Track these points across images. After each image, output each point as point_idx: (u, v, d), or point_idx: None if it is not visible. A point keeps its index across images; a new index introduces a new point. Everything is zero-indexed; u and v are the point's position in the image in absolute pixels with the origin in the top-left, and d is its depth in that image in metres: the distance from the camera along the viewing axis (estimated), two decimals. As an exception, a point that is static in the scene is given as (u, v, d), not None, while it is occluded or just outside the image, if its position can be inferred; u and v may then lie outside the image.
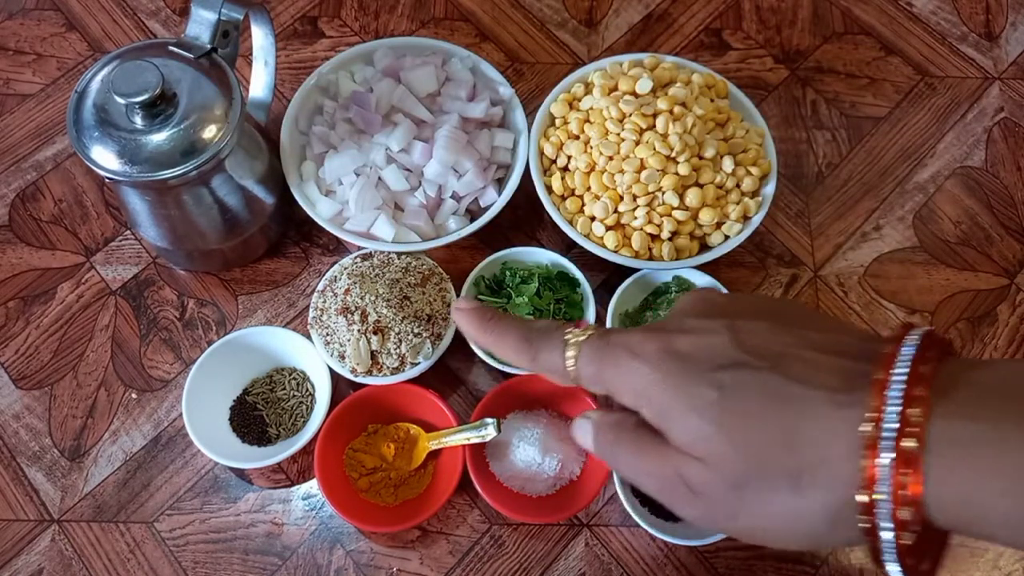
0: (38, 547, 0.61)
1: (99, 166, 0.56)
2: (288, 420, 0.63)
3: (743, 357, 0.33)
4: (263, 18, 0.64)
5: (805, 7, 0.83)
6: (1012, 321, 0.69)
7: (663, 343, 0.35)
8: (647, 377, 0.35)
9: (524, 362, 0.40)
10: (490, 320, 0.42)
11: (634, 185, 0.62)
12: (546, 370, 0.40)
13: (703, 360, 0.34)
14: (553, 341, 0.39)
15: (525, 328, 0.41)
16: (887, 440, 0.29)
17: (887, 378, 0.30)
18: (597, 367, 0.37)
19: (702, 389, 0.33)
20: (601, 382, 0.37)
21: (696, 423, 0.33)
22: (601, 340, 0.37)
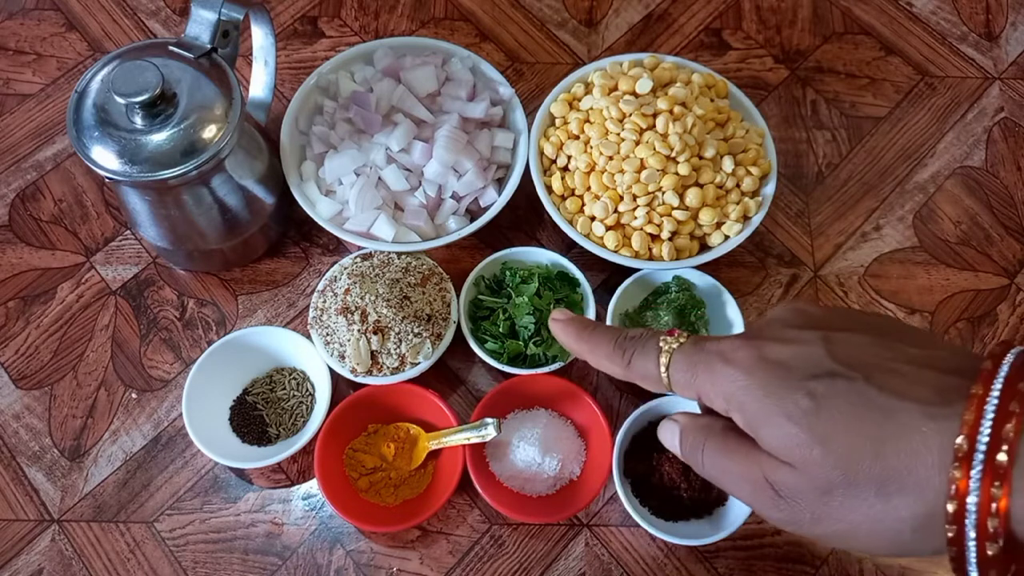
0: (38, 547, 0.61)
1: (99, 166, 0.56)
2: (288, 420, 0.63)
3: (837, 368, 0.34)
4: (263, 18, 0.64)
5: (805, 7, 0.83)
6: (1012, 321, 0.69)
7: (757, 351, 0.37)
8: (740, 383, 0.36)
9: (618, 369, 0.42)
10: (585, 330, 0.44)
11: (634, 185, 0.62)
12: (639, 376, 0.41)
13: (797, 369, 0.35)
14: (647, 348, 0.41)
15: (618, 336, 0.42)
16: (980, 453, 0.30)
17: (986, 393, 0.31)
18: (690, 373, 0.38)
19: (796, 397, 0.34)
20: (693, 387, 0.39)
21: (789, 429, 0.34)
22: (694, 347, 0.39)
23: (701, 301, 0.64)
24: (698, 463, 0.40)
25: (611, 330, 0.44)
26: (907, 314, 0.69)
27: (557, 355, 0.62)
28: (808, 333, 0.37)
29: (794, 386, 0.34)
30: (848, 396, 0.33)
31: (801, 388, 0.34)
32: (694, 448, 0.40)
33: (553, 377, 0.62)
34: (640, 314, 0.65)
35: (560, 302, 0.64)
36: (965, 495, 0.30)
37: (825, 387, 0.34)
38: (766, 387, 0.35)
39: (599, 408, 0.61)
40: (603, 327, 0.44)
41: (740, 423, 0.37)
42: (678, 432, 0.41)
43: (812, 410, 0.34)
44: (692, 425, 0.41)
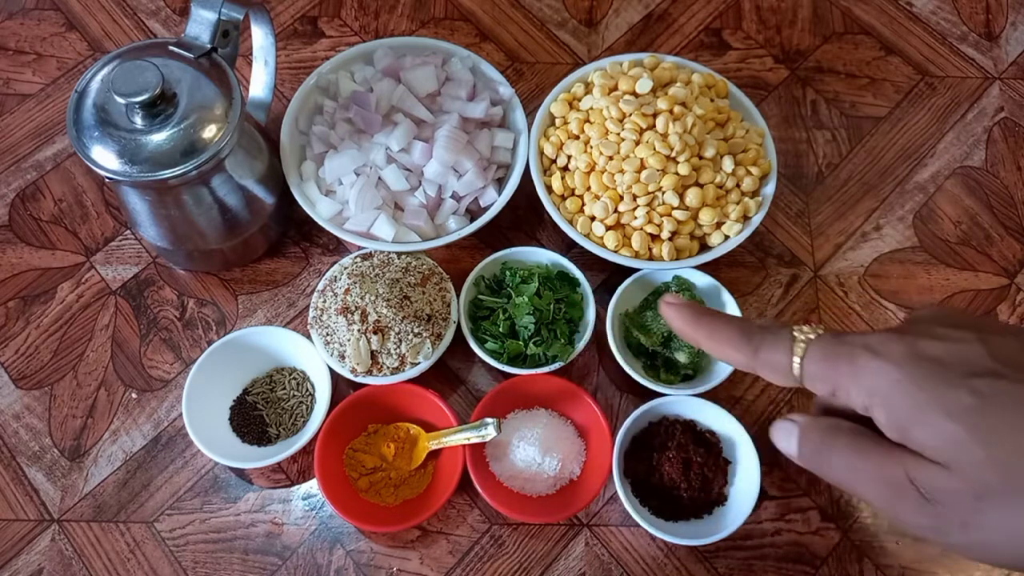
0: (38, 547, 0.61)
1: (99, 166, 0.55)
2: (288, 420, 0.63)
3: (999, 368, 0.33)
4: (263, 18, 0.64)
5: (805, 7, 0.83)
6: (1012, 321, 0.69)
7: (910, 346, 0.35)
8: (890, 377, 0.34)
9: (742, 357, 0.40)
10: (704, 315, 0.42)
11: (634, 185, 0.62)
12: (767, 365, 0.39)
13: (955, 366, 0.34)
14: (779, 337, 0.39)
15: (745, 323, 0.41)
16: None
17: None
18: (829, 365, 0.37)
19: (958, 393, 0.33)
20: (830, 380, 0.37)
21: (947, 426, 0.33)
22: (835, 339, 0.37)
23: (702, 301, 0.64)
24: (825, 465, 0.38)
25: (735, 318, 0.42)
26: (907, 314, 0.69)
27: (557, 355, 0.62)
28: (963, 332, 0.35)
29: (954, 382, 0.33)
30: (1013, 395, 0.32)
31: (962, 385, 0.33)
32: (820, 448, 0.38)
33: (553, 377, 0.62)
34: (640, 314, 0.65)
35: (560, 302, 0.64)
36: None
37: (989, 386, 0.33)
38: (920, 382, 0.34)
39: (599, 408, 0.61)
40: (724, 314, 0.42)
41: (882, 420, 0.35)
42: (796, 432, 0.39)
43: (975, 408, 0.32)
44: (815, 425, 0.38)
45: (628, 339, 0.65)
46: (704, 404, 0.61)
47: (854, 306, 0.69)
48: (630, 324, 0.64)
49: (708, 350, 0.42)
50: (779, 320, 0.41)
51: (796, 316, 0.69)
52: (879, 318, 0.69)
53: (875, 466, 0.35)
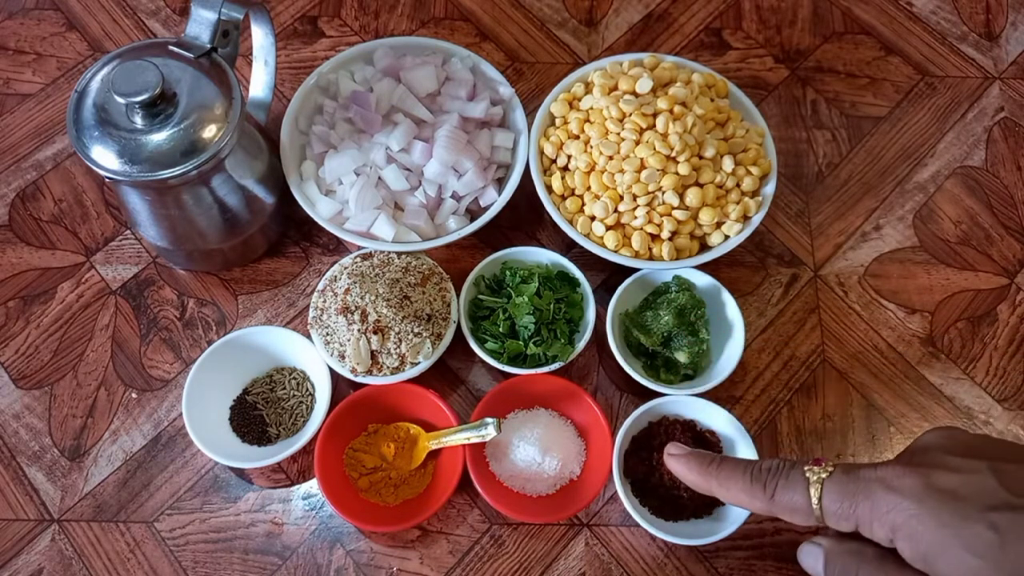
0: (38, 547, 0.61)
1: (99, 166, 0.56)
2: (288, 420, 0.63)
3: (1015, 500, 0.34)
4: (263, 18, 0.64)
5: (805, 7, 0.83)
6: (1012, 321, 0.69)
7: (924, 478, 0.36)
8: (909, 512, 0.35)
9: (758, 503, 0.41)
10: (711, 464, 0.44)
11: (634, 185, 0.62)
12: (786, 509, 0.40)
13: (972, 499, 0.34)
14: (792, 480, 0.40)
15: (752, 469, 0.42)
16: None
17: None
18: (848, 503, 0.37)
19: (977, 528, 0.34)
20: (853, 518, 0.38)
21: (971, 563, 0.33)
22: (848, 476, 0.38)
23: (701, 301, 0.64)
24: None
25: (740, 462, 0.43)
26: (907, 314, 0.69)
27: (557, 355, 0.62)
28: (974, 462, 0.36)
29: (972, 516, 0.34)
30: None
31: (981, 520, 0.34)
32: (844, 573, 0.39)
33: (553, 377, 0.62)
34: (640, 314, 0.65)
35: (560, 302, 0.64)
36: None
37: (1007, 520, 0.33)
38: (939, 517, 0.35)
39: (599, 408, 0.61)
40: (729, 460, 0.43)
41: (908, 553, 0.36)
42: (822, 557, 0.40)
43: (996, 544, 0.33)
44: (840, 550, 0.39)
45: (628, 339, 0.65)
46: (704, 404, 0.61)
47: (854, 306, 0.69)
48: (630, 324, 0.64)
49: (723, 499, 0.43)
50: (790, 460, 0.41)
51: (796, 316, 0.69)
52: (879, 318, 0.69)
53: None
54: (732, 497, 0.42)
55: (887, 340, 0.68)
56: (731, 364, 0.62)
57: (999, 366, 0.67)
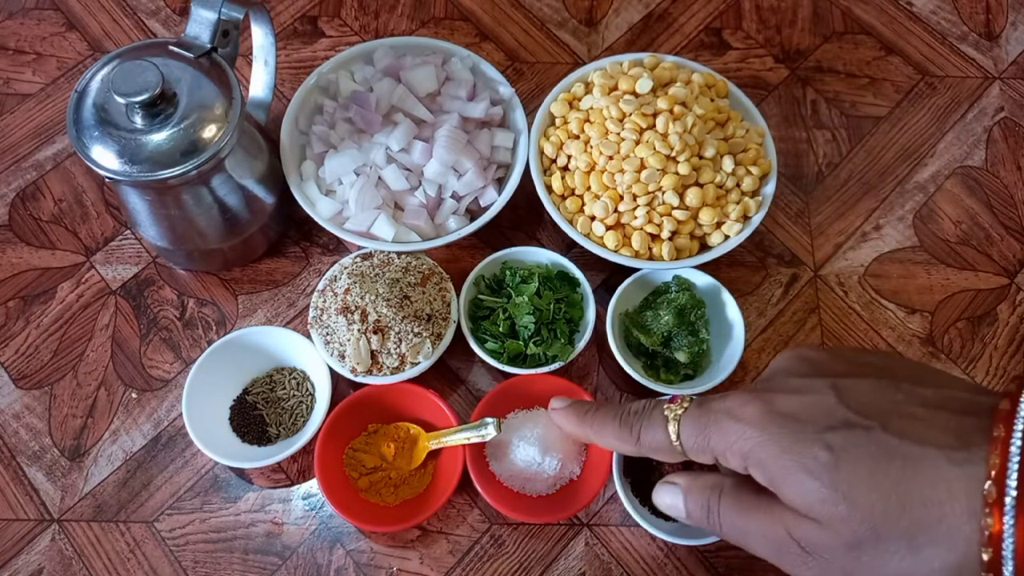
0: (38, 547, 0.61)
1: (99, 166, 0.56)
2: (288, 420, 0.63)
3: (852, 417, 0.34)
4: (263, 18, 0.64)
5: (805, 7, 0.83)
6: (1012, 321, 0.69)
7: (766, 404, 0.36)
8: (754, 439, 0.35)
9: (628, 446, 0.41)
10: (587, 414, 0.44)
11: (634, 185, 0.62)
12: (652, 449, 0.41)
13: (810, 421, 0.34)
14: (653, 419, 0.40)
15: (621, 414, 0.42)
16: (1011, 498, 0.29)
17: (1008, 435, 0.30)
18: (702, 436, 0.38)
19: (814, 450, 0.33)
20: (707, 450, 0.38)
21: (810, 485, 0.33)
22: (700, 409, 0.38)
23: (701, 301, 0.64)
24: (712, 524, 0.39)
25: (613, 408, 0.43)
26: (907, 314, 0.69)
27: (557, 355, 0.62)
28: (816, 381, 0.36)
29: (810, 439, 0.34)
30: (867, 446, 0.33)
31: (818, 441, 0.33)
32: (705, 509, 0.39)
33: (553, 377, 0.62)
34: (640, 314, 0.65)
35: (560, 302, 0.64)
36: (1000, 541, 0.29)
37: (842, 438, 0.33)
38: (780, 442, 0.35)
39: (599, 408, 0.61)
40: (604, 407, 0.43)
41: (761, 480, 0.36)
42: (680, 494, 0.40)
43: (832, 464, 0.33)
44: (697, 485, 0.40)
45: (628, 339, 0.65)
46: (704, 404, 0.61)
47: (854, 306, 0.69)
48: (630, 324, 0.64)
49: (604, 446, 0.44)
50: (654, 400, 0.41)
51: (796, 316, 0.69)
52: (879, 318, 0.69)
53: (759, 524, 0.36)
54: (607, 443, 0.42)
55: (887, 340, 0.68)
56: (731, 364, 0.62)
57: (999, 366, 0.67)
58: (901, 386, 0.35)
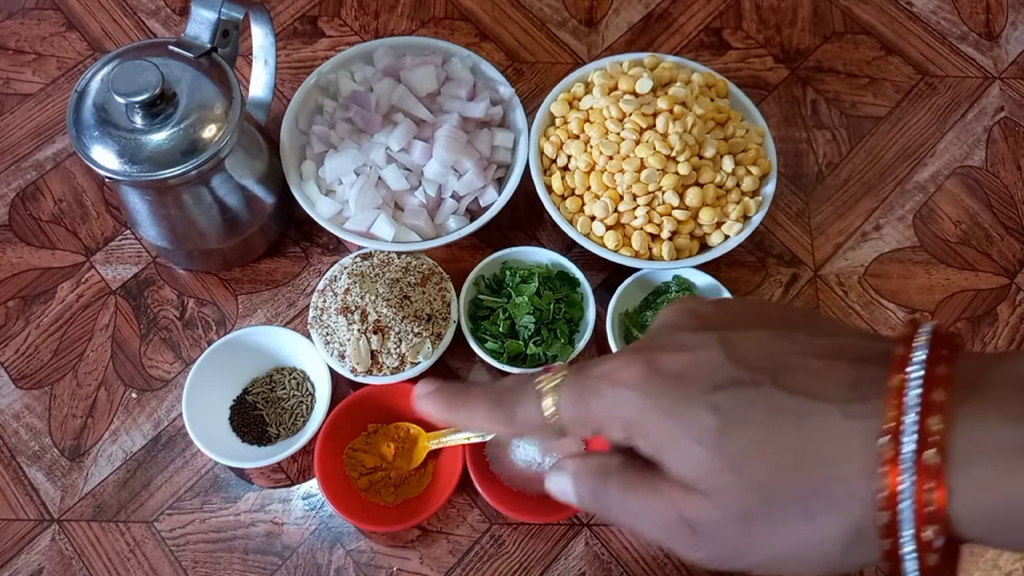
0: (38, 547, 0.61)
1: (99, 166, 0.55)
2: (288, 420, 0.63)
3: (739, 373, 0.30)
4: (263, 17, 0.64)
5: (805, 7, 0.83)
6: (1012, 320, 0.69)
7: (648, 364, 0.32)
8: (635, 404, 0.31)
9: (503, 427, 0.36)
10: (456, 396, 0.38)
11: (634, 184, 0.62)
12: (527, 428, 0.36)
13: (696, 379, 0.31)
14: (527, 395, 0.35)
15: (493, 391, 0.37)
16: (908, 452, 0.27)
17: (903, 384, 0.27)
18: (581, 406, 0.33)
19: (699, 413, 0.30)
20: (588, 422, 0.33)
21: (697, 453, 0.30)
22: (578, 376, 0.34)
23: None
24: (602, 509, 0.34)
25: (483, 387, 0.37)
26: (907, 314, 0.69)
27: (557, 355, 0.62)
28: (703, 336, 0.32)
29: (696, 400, 0.30)
30: (756, 405, 0.29)
31: (704, 403, 0.30)
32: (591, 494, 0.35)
33: (553, 377, 0.62)
34: (640, 314, 0.65)
35: (560, 302, 0.64)
36: (896, 503, 0.27)
37: (729, 398, 0.30)
38: (664, 406, 0.31)
39: (599, 408, 0.61)
40: (475, 387, 0.38)
41: (646, 450, 0.32)
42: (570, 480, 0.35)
43: (718, 428, 0.29)
44: (584, 468, 0.35)
45: (628, 339, 0.65)
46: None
47: (854, 306, 0.69)
48: (630, 324, 0.64)
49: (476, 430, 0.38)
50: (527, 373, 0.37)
51: (796, 316, 0.69)
52: (879, 318, 0.69)
53: (647, 505, 0.32)
54: (480, 426, 0.37)
55: (887, 340, 0.68)
56: (731, 364, 0.62)
57: (999, 366, 0.67)
58: (795, 336, 0.31)
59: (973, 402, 0.27)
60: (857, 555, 0.29)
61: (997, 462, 0.26)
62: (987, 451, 0.26)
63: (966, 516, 0.27)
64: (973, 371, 0.28)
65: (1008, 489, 0.26)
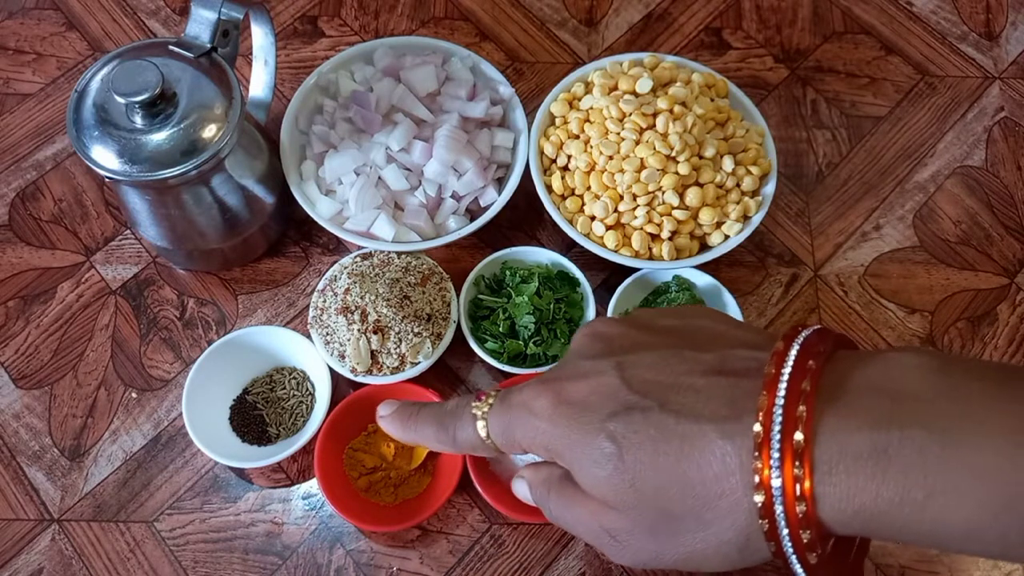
0: (38, 547, 0.61)
1: (99, 166, 0.56)
2: (288, 419, 0.63)
3: (632, 399, 0.33)
4: (263, 17, 0.64)
5: (805, 6, 0.83)
6: (1012, 321, 0.69)
7: (555, 394, 0.35)
8: (547, 433, 0.35)
9: (448, 447, 0.40)
10: (409, 418, 0.42)
11: (634, 184, 0.62)
12: (469, 447, 0.39)
13: (595, 407, 0.33)
14: (464, 419, 0.39)
15: (439, 414, 0.41)
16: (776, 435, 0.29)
17: (771, 400, 0.29)
18: (507, 433, 0.37)
19: (599, 442, 0.33)
20: (515, 445, 0.37)
21: (600, 476, 0.33)
22: (502, 405, 0.37)
23: (701, 301, 0.64)
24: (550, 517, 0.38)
25: (432, 409, 0.41)
26: (907, 314, 0.69)
27: (557, 355, 0.62)
28: (602, 362, 0.35)
29: (595, 429, 0.33)
30: (647, 430, 0.32)
31: (601, 431, 0.33)
32: (541, 501, 0.39)
33: (553, 377, 0.62)
34: (640, 314, 0.65)
35: (560, 302, 0.64)
36: (769, 482, 0.29)
37: (623, 425, 0.32)
38: (570, 434, 0.34)
39: (599, 408, 0.61)
40: (426, 408, 0.42)
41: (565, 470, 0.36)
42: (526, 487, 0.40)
43: (615, 454, 0.32)
44: (535, 478, 0.39)
45: (628, 339, 0.65)
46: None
47: (854, 306, 0.69)
48: (630, 324, 0.64)
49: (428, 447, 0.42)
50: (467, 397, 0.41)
51: (796, 316, 0.69)
52: (879, 318, 0.69)
53: (578, 514, 0.36)
54: (431, 445, 0.41)
55: (887, 340, 0.68)
56: (731, 364, 0.62)
57: (999, 366, 0.67)
58: (684, 354, 0.34)
59: (835, 411, 0.29)
60: (753, 555, 0.32)
61: (857, 469, 0.28)
62: (848, 459, 0.28)
63: (837, 519, 0.29)
64: (837, 379, 0.30)
65: (868, 494, 0.28)
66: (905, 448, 0.28)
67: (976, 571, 0.60)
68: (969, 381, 0.29)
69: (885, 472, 0.28)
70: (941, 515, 0.27)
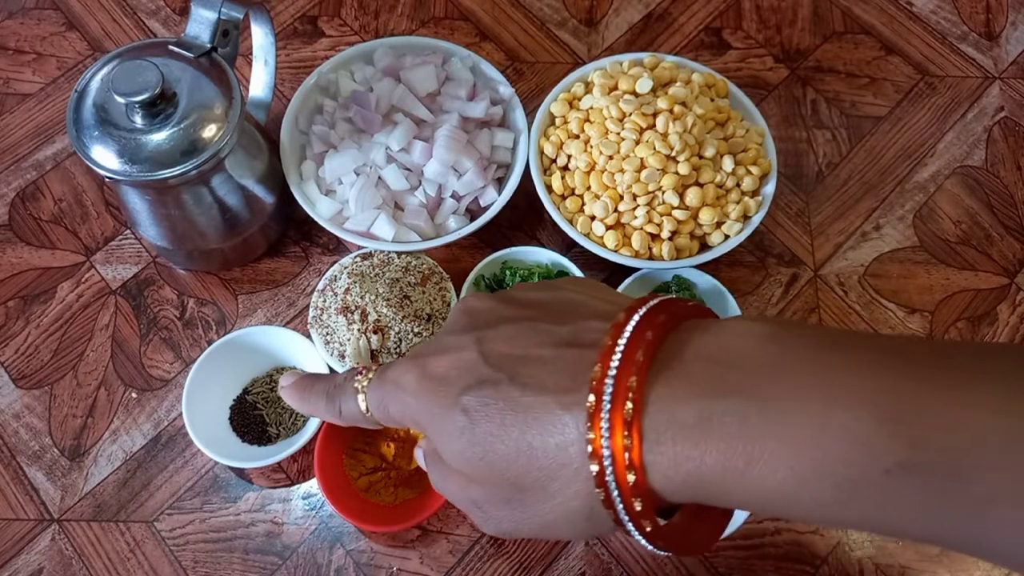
0: (38, 547, 0.61)
1: (99, 165, 0.56)
2: (288, 419, 0.63)
3: (486, 372, 0.33)
4: (263, 17, 0.64)
5: (805, 6, 0.83)
6: (1012, 321, 0.69)
7: (420, 369, 0.35)
8: (413, 407, 0.35)
9: (336, 419, 0.41)
10: (304, 389, 0.43)
11: (634, 184, 0.62)
12: (353, 420, 0.40)
13: (453, 381, 0.34)
14: (347, 393, 0.39)
15: (327, 387, 0.41)
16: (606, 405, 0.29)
17: (604, 372, 0.30)
18: (383, 407, 0.37)
19: (454, 415, 0.33)
20: (391, 420, 0.38)
21: (456, 449, 0.33)
22: (379, 380, 0.38)
23: (701, 300, 0.64)
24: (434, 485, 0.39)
25: (322, 382, 0.42)
26: (907, 313, 0.69)
27: (557, 355, 0.62)
28: (464, 337, 0.35)
29: (451, 402, 0.33)
30: (496, 403, 0.32)
31: (456, 405, 0.33)
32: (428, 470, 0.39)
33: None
34: (640, 314, 0.65)
35: (560, 302, 0.64)
36: (601, 451, 0.29)
37: (475, 399, 0.33)
38: (432, 408, 0.34)
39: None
40: (320, 380, 0.42)
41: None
42: (422, 456, 0.41)
43: (468, 427, 0.33)
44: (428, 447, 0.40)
45: (628, 339, 0.65)
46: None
47: (854, 306, 0.69)
48: (630, 324, 0.64)
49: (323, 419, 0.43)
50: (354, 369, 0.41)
51: (796, 316, 0.69)
52: (879, 318, 0.69)
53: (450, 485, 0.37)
54: (323, 416, 0.42)
55: (887, 340, 0.68)
56: (731, 364, 0.62)
57: (999, 366, 0.67)
58: (539, 327, 0.34)
59: (667, 381, 0.29)
60: (599, 524, 0.32)
61: (683, 439, 0.28)
62: (675, 428, 0.29)
63: (667, 487, 0.29)
64: (675, 349, 0.31)
65: (693, 462, 0.28)
66: (728, 416, 0.28)
67: (976, 571, 0.60)
68: (797, 348, 0.29)
69: (708, 440, 0.28)
70: (760, 482, 0.28)
